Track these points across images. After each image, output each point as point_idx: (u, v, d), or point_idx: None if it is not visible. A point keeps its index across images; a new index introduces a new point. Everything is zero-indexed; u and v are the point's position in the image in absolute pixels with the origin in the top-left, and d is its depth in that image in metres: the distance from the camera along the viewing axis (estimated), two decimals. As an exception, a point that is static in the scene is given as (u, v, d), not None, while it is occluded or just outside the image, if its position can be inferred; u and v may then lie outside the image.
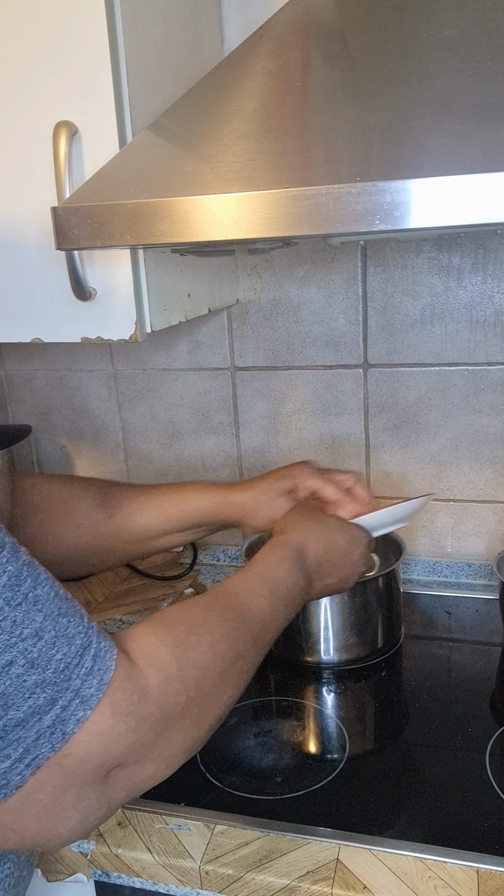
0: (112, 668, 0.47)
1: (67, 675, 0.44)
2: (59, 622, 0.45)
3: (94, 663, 0.46)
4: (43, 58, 0.79)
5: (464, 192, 0.55)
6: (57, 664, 0.44)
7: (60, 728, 0.44)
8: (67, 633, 0.46)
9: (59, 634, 0.45)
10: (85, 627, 0.47)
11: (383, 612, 1.04)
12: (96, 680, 0.45)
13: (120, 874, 0.75)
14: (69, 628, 0.46)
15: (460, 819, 0.75)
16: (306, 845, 0.73)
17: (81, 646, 0.46)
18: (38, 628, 0.44)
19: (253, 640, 0.62)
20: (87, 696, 0.45)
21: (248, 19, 1.07)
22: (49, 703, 0.43)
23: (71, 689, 0.44)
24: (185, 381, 1.29)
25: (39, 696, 0.43)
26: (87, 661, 0.46)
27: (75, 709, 0.44)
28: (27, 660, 0.43)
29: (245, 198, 0.61)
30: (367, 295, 1.16)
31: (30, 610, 0.44)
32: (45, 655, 0.44)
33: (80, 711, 0.44)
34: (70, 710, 0.44)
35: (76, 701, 0.44)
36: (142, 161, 0.73)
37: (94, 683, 0.45)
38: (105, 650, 0.47)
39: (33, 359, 1.36)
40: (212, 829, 0.75)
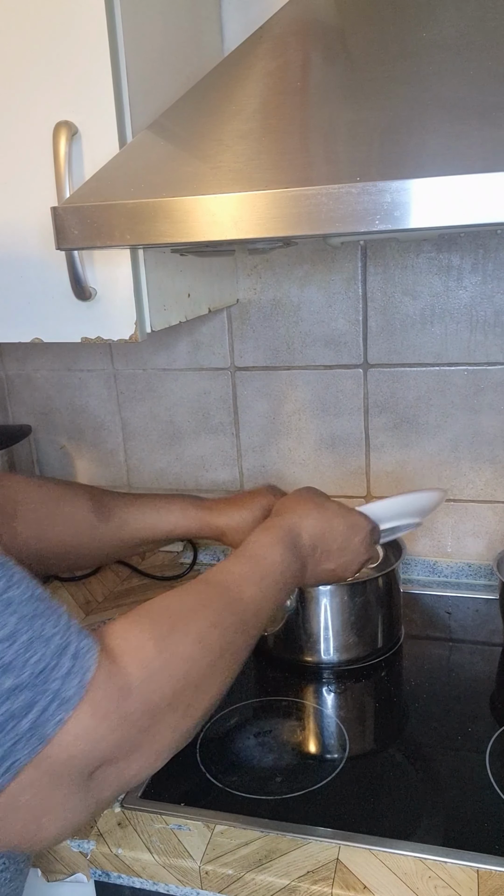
0: (93, 668, 0.46)
1: (45, 677, 0.43)
2: (34, 623, 0.44)
3: (74, 663, 0.45)
4: (43, 58, 0.79)
5: (464, 192, 0.55)
6: (33, 667, 0.43)
7: (39, 731, 0.43)
8: (44, 634, 0.45)
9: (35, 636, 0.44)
10: (63, 627, 0.46)
11: (383, 612, 1.04)
12: (76, 680, 0.45)
13: (120, 874, 0.75)
14: (45, 629, 0.45)
15: (460, 819, 0.75)
16: (306, 845, 0.73)
17: (59, 646, 0.45)
18: (12, 631, 0.43)
19: (243, 628, 0.61)
20: (66, 697, 0.44)
21: (248, 19, 1.07)
22: (27, 707, 0.42)
23: (49, 692, 0.43)
24: (185, 381, 1.29)
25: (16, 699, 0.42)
26: (65, 662, 0.45)
27: (54, 711, 0.43)
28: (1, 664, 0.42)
29: (245, 198, 0.61)
30: (367, 295, 1.16)
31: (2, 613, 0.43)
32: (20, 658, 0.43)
33: (59, 713, 0.43)
34: (49, 713, 0.43)
35: (55, 703, 0.43)
36: (142, 161, 0.73)
37: (75, 684, 0.44)
38: (85, 649, 0.46)
39: (33, 359, 1.36)
40: (212, 829, 0.75)
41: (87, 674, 0.45)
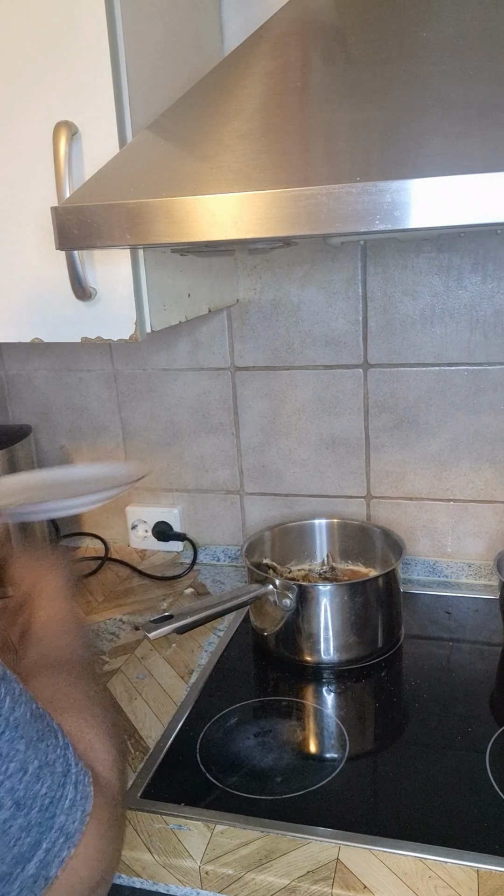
0: (91, 792, 0.42)
1: (52, 811, 0.39)
2: (39, 748, 0.40)
3: (76, 792, 0.41)
4: (43, 58, 0.79)
5: (464, 192, 0.55)
6: (42, 801, 0.39)
7: (44, 875, 0.39)
8: (49, 759, 0.40)
9: (43, 763, 0.39)
10: (62, 748, 0.42)
11: (383, 612, 1.04)
12: (80, 812, 0.41)
13: (120, 874, 0.75)
14: (49, 753, 0.40)
15: (460, 819, 0.75)
16: (306, 845, 0.73)
17: (62, 773, 0.41)
18: (23, 760, 0.38)
19: None
20: (70, 832, 0.40)
21: (248, 19, 1.07)
22: (33, 848, 0.38)
23: (55, 828, 0.39)
24: (185, 381, 1.29)
25: (24, 841, 0.38)
26: (68, 792, 0.41)
27: (59, 849, 0.39)
28: (14, 800, 0.37)
29: (245, 198, 0.61)
30: (367, 295, 1.16)
31: (13, 738, 0.38)
32: (30, 792, 0.38)
33: (63, 851, 0.39)
34: (54, 852, 0.39)
35: (60, 840, 0.39)
36: (142, 161, 0.73)
37: (78, 816, 0.41)
38: (82, 772, 0.42)
39: (33, 359, 1.36)
40: (212, 829, 0.75)
41: (88, 801, 0.42)
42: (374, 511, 1.26)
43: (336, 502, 1.27)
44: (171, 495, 1.36)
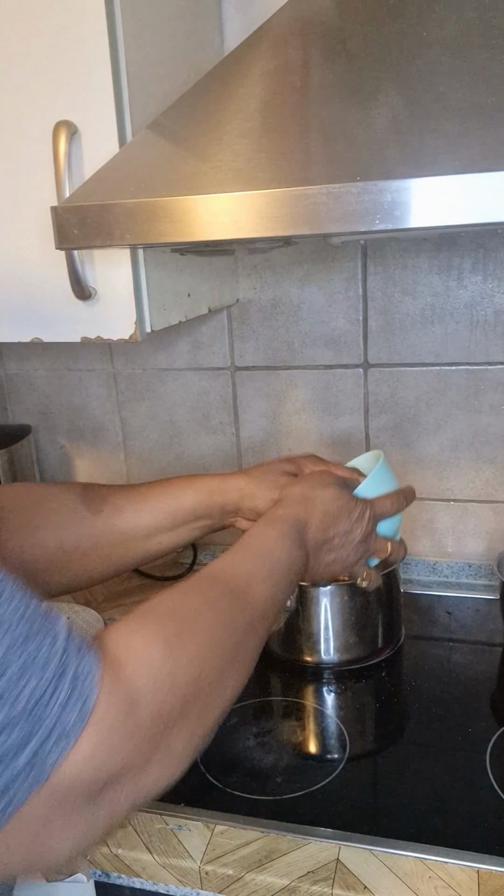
0: (95, 693, 0.42)
1: (42, 707, 0.40)
2: (27, 647, 0.40)
3: (74, 689, 0.41)
4: (43, 58, 0.79)
5: (464, 191, 0.55)
6: (28, 697, 0.39)
7: (38, 768, 0.40)
8: (38, 658, 0.41)
9: (29, 662, 0.40)
10: (60, 648, 0.42)
11: (383, 612, 1.04)
12: (77, 708, 0.41)
13: (120, 874, 0.75)
14: (41, 652, 0.41)
15: (460, 819, 0.75)
16: (306, 845, 0.73)
17: (56, 671, 0.41)
18: (2, 658, 0.39)
19: (252, 628, 0.58)
20: (67, 728, 0.40)
21: (248, 19, 1.07)
22: (23, 741, 0.39)
23: (47, 724, 0.40)
24: (185, 381, 1.29)
25: (10, 734, 0.39)
26: (63, 688, 0.41)
27: (54, 744, 0.40)
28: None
29: (245, 197, 0.61)
30: (367, 295, 1.15)
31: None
32: (12, 689, 0.39)
33: (59, 746, 0.40)
34: (48, 747, 0.40)
35: (54, 735, 0.40)
36: (142, 161, 0.73)
37: (76, 712, 0.41)
38: (86, 671, 0.42)
39: (33, 359, 1.36)
40: (212, 830, 0.75)
41: (89, 700, 0.42)
42: (374, 511, 1.25)
43: (336, 502, 1.27)
44: (171, 495, 1.36)
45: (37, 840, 0.42)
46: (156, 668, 0.47)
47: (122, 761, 0.43)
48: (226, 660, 0.53)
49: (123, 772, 0.44)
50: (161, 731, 0.46)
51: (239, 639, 0.55)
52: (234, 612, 0.56)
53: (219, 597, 0.57)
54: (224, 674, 0.52)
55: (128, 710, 0.44)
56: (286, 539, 0.67)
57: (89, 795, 0.42)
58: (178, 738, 0.48)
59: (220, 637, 0.53)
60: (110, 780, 0.43)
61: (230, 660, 0.54)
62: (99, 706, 0.42)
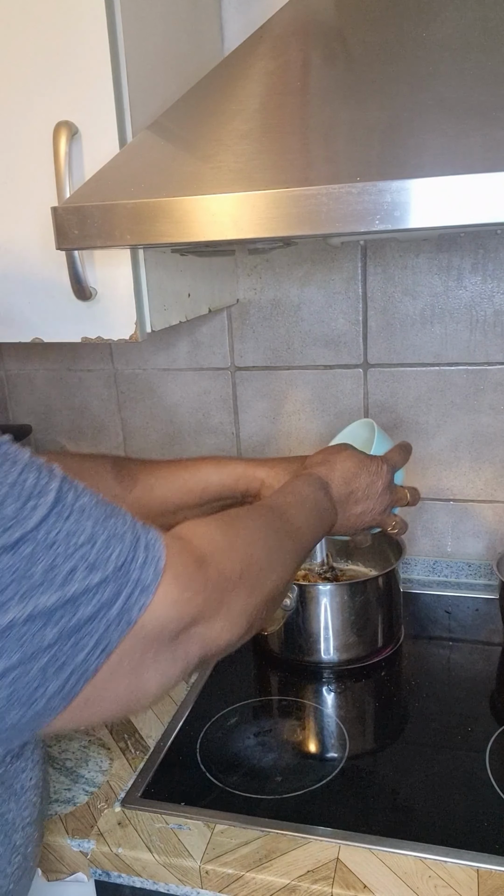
0: (163, 555, 0.51)
1: (126, 569, 0.49)
2: (107, 525, 0.49)
3: (147, 554, 0.50)
4: (43, 58, 0.79)
5: (464, 192, 0.55)
6: (115, 561, 0.48)
7: (126, 616, 0.48)
8: (117, 532, 0.50)
9: (112, 535, 0.49)
10: (130, 524, 0.51)
11: (383, 612, 1.04)
12: (152, 568, 0.50)
13: (120, 874, 0.75)
14: (117, 528, 0.50)
15: (460, 819, 0.75)
16: (306, 845, 0.73)
17: (132, 541, 0.50)
18: (91, 534, 0.48)
19: (289, 537, 0.68)
20: (146, 584, 0.49)
21: (248, 19, 1.07)
22: (115, 595, 0.48)
23: (131, 581, 0.49)
24: (185, 381, 1.29)
25: (106, 590, 0.48)
26: (140, 554, 0.50)
27: (137, 597, 0.49)
28: (87, 564, 0.47)
29: (245, 198, 0.61)
30: (367, 295, 1.16)
31: (80, 519, 0.48)
32: (102, 556, 0.48)
33: (142, 598, 0.49)
34: (133, 599, 0.49)
35: (137, 590, 0.49)
36: (142, 161, 0.73)
37: (151, 572, 0.50)
38: (153, 540, 0.52)
39: (33, 359, 1.36)
40: (212, 829, 0.75)
41: (160, 561, 0.51)
42: (374, 511, 1.25)
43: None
44: (171, 495, 1.36)
45: (134, 676, 0.50)
46: (217, 541, 0.58)
47: (195, 610, 0.52)
48: (270, 549, 0.64)
49: (196, 619, 0.53)
50: (224, 590, 0.55)
51: (279, 539, 0.66)
52: (273, 521, 0.68)
53: (261, 513, 0.69)
54: (269, 560, 0.63)
55: (198, 566, 0.54)
56: (314, 487, 0.78)
57: (171, 638, 0.51)
58: (237, 599, 0.57)
59: (263, 533, 0.65)
60: (186, 625, 0.52)
61: (273, 550, 0.64)
62: (171, 566, 0.51)
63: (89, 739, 0.90)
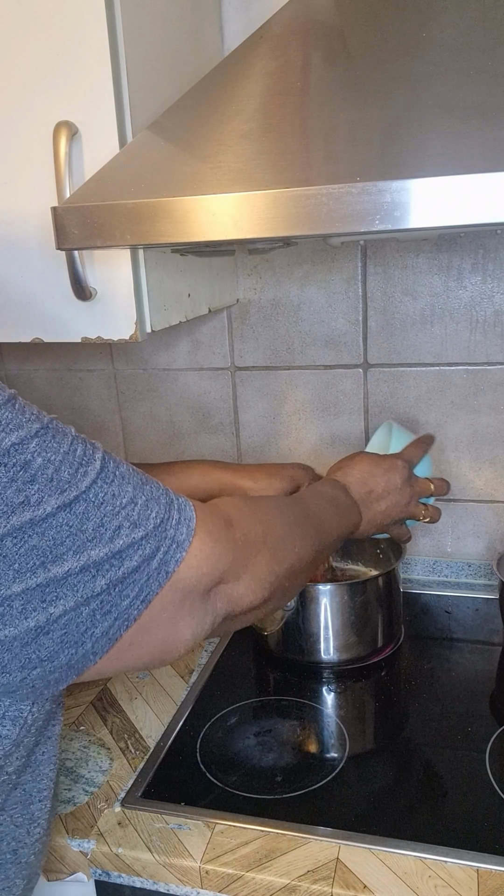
0: (194, 516, 0.57)
1: (164, 527, 0.54)
2: (145, 489, 0.55)
3: (181, 514, 0.56)
4: (43, 58, 0.79)
5: (464, 192, 0.55)
6: (154, 520, 0.54)
7: (164, 568, 0.54)
8: (154, 495, 0.55)
9: (149, 498, 0.54)
10: (164, 490, 0.57)
11: (383, 612, 1.04)
12: (185, 527, 0.56)
13: (120, 874, 0.75)
14: (154, 492, 0.55)
15: (460, 819, 0.75)
16: (306, 845, 0.73)
17: (167, 504, 0.56)
18: (132, 496, 0.53)
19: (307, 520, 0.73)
20: (181, 540, 0.55)
21: (248, 19, 1.07)
22: (155, 550, 0.53)
23: (168, 538, 0.54)
24: (185, 381, 1.29)
25: (146, 546, 0.53)
26: (174, 514, 0.55)
27: (174, 552, 0.54)
28: (131, 522, 0.52)
29: (245, 198, 0.61)
30: (367, 295, 1.16)
31: (122, 484, 0.53)
32: (143, 515, 0.53)
33: (178, 553, 0.55)
34: (170, 554, 0.54)
35: (174, 546, 0.54)
36: (142, 161, 0.73)
37: (185, 530, 0.55)
38: (184, 504, 0.57)
39: (33, 359, 1.36)
40: (212, 829, 0.75)
41: (192, 521, 0.56)
42: (374, 511, 1.26)
43: (336, 502, 1.27)
44: (171, 495, 1.36)
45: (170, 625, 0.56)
46: (241, 509, 0.64)
47: (224, 565, 0.58)
48: (290, 524, 0.69)
49: (225, 577, 0.59)
50: (248, 552, 0.61)
51: (298, 519, 0.71)
52: (293, 505, 0.74)
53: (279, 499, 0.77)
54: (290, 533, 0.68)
55: (226, 526, 0.60)
56: (330, 487, 0.83)
57: (203, 592, 0.57)
58: (260, 562, 0.62)
59: (284, 511, 0.71)
60: (216, 580, 0.58)
61: (293, 525, 0.70)
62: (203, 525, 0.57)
63: (89, 739, 0.90)
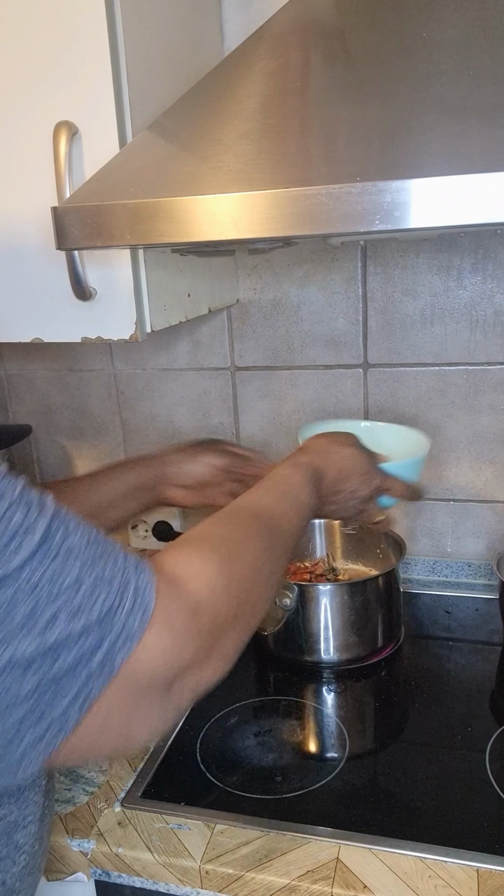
0: (152, 602, 0.49)
1: (111, 616, 0.46)
2: (95, 568, 0.47)
3: (136, 600, 0.48)
4: (43, 58, 0.79)
5: (464, 192, 0.55)
6: (100, 608, 0.46)
7: (109, 663, 0.46)
8: (105, 576, 0.47)
9: (99, 579, 0.47)
10: (121, 567, 0.49)
11: (383, 612, 1.04)
12: (139, 615, 0.48)
13: (120, 873, 0.75)
14: (106, 571, 0.47)
15: (460, 819, 0.75)
16: (306, 844, 0.73)
17: (120, 586, 0.48)
18: (77, 577, 0.46)
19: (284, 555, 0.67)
20: (131, 632, 0.47)
21: (248, 19, 1.07)
22: (97, 644, 0.46)
23: (115, 630, 0.46)
24: (185, 381, 1.29)
25: (86, 640, 0.45)
26: (127, 600, 0.47)
27: (121, 646, 0.46)
28: (70, 609, 0.45)
29: (245, 198, 0.61)
30: (367, 295, 1.16)
31: (66, 561, 0.46)
32: (87, 602, 0.46)
33: (126, 647, 0.47)
34: (116, 648, 0.46)
35: (121, 639, 0.46)
36: (142, 161, 0.73)
37: (138, 619, 0.47)
38: (144, 584, 0.49)
39: (33, 359, 1.36)
40: (212, 829, 0.75)
41: (148, 609, 0.48)
42: (374, 511, 1.26)
43: (336, 502, 1.27)
44: (171, 495, 1.36)
45: (123, 727, 0.48)
46: (213, 582, 0.54)
47: (188, 658, 0.50)
48: (265, 580, 0.62)
49: (188, 666, 0.51)
50: (218, 633, 0.54)
51: (274, 565, 0.64)
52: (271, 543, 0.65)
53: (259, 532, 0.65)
54: (263, 590, 0.61)
55: (193, 614, 0.51)
56: (309, 485, 0.75)
57: (162, 687, 0.49)
58: (228, 641, 0.56)
59: (260, 563, 0.62)
60: (178, 673, 0.50)
61: (268, 579, 0.62)
62: (163, 613, 0.49)
63: (89, 739, 0.90)
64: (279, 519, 0.69)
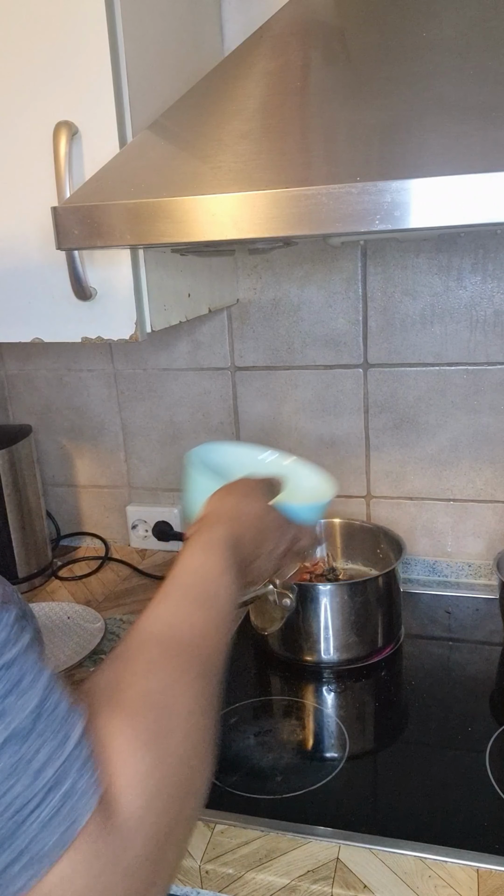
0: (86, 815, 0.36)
1: (20, 819, 0.34)
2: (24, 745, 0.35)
3: (62, 805, 0.35)
4: (43, 58, 0.79)
5: (464, 192, 0.55)
6: (10, 802, 0.34)
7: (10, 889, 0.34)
8: (35, 760, 0.35)
9: (22, 762, 0.34)
10: (66, 756, 0.36)
11: (383, 612, 1.04)
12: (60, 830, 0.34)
13: (120, 874, 0.75)
14: (40, 754, 0.35)
15: (460, 819, 0.75)
16: (306, 844, 0.73)
17: (50, 780, 0.35)
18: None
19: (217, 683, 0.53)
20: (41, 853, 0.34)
21: (248, 19, 1.07)
22: None
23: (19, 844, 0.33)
24: (185, 381, 1.29)
25: None
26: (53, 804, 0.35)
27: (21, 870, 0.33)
28: None
29: (245, 198, 0.61)
30: (367, 295, 1.16)
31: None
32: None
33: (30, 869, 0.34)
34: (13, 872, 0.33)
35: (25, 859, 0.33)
36: (142, 161, 0.73)
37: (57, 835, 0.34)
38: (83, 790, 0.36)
39: (33, 359, 1.36)
40: (212, 829, 0.75)
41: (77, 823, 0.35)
42: (373, 511, 1.26)
43: (336, 502, 1.26)
44: (171, 495, 1.36)
45: None
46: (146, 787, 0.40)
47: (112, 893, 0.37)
48: (206, 740, 0.47)
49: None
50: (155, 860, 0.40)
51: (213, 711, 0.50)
52: (203, 683, 0.50)
53: (186, 668, 0.50)
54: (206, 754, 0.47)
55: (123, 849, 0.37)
56: (231, 571, 0.62)
57: None
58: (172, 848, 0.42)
59: (197, 718, 0.47)
60: None
61: (209, 738, 0.48)
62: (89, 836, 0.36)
63: (89, 739, 0.90)
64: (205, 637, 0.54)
